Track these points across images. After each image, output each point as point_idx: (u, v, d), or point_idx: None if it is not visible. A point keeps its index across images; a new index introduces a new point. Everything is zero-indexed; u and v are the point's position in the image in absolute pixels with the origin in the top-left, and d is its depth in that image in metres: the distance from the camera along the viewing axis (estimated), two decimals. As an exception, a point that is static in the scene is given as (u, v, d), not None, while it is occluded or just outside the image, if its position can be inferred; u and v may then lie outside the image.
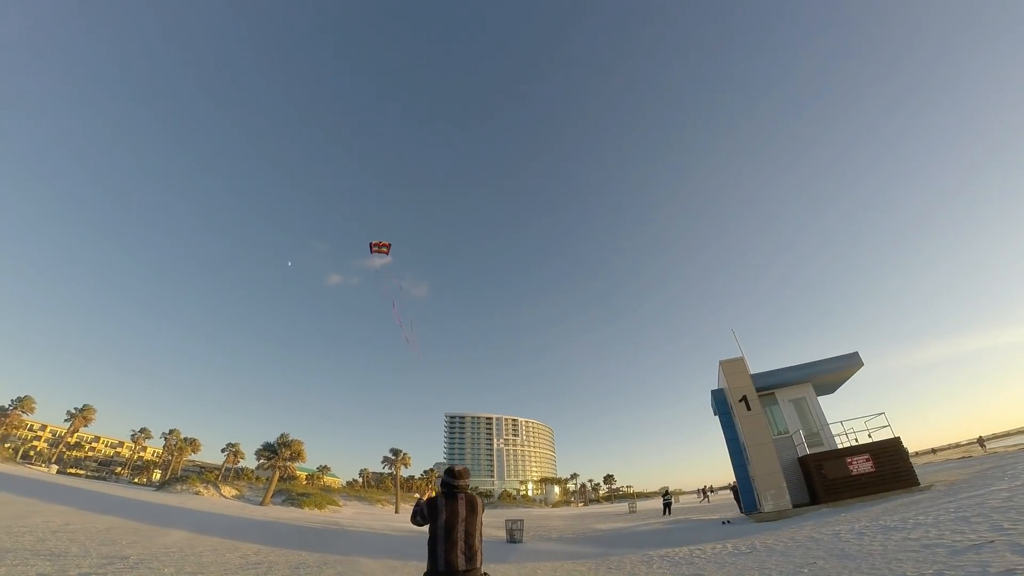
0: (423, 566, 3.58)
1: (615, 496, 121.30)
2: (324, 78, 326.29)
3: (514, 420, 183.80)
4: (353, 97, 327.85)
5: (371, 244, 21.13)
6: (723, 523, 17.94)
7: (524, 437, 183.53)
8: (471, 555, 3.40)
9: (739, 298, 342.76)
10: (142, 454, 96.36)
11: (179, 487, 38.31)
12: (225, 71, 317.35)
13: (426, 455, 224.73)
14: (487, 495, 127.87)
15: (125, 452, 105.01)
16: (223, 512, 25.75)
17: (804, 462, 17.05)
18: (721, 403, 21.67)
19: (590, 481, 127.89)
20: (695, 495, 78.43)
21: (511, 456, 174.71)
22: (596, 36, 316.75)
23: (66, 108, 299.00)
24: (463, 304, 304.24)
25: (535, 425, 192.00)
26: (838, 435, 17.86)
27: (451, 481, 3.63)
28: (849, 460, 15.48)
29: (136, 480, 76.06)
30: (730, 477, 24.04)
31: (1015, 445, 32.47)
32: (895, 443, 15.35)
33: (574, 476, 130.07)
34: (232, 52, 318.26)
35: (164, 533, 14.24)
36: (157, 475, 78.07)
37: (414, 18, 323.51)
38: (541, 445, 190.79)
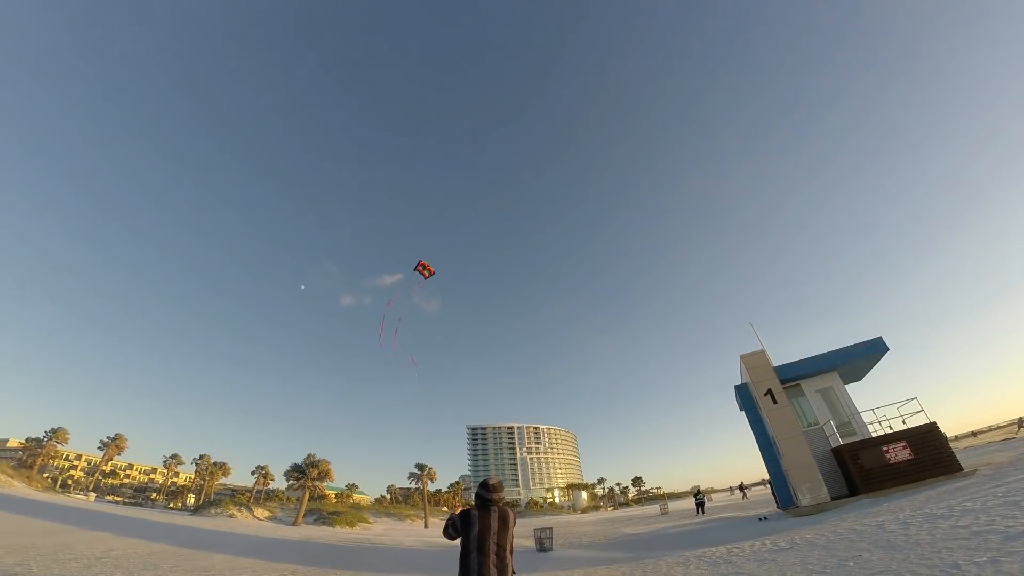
0: None
1: (645, 498, 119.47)
2: (329, 97, 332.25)
3: (536, 428, 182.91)
4: (358, 116, 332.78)
5: (419, 263, 21.22)
6: (760, 519, 17.56)
7: (547, 444, 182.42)
8: (503, 567, 3.42)
9: (753, 289, 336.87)
10: (175, 479, 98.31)
11: (213, 510, 38.87)
12: (227, 95, 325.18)
13: (451, 468, 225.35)
14: (514, 504, 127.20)
15: (159, 478, 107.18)
16: (258, 533, 26.05)
17: (838, 453, 16.61)
18: (746, 398, 21.27)
19: (618, 485, 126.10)
20: (728, 492, 76.88)
21: (535, 464, 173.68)
22: (599, 43, 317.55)
23: (79, 148, 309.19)
24: (477, 316, 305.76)
25: (557, 432, 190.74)
26: (871, 423, 17.35)
27: (485, 494, 3.68)
28: (885, 448, 15.05)
29: (171, 505, 77.44)
30: (762, 472, 23.55)
31: None
32: (932, 428, 14.90)
33: (601, 480, 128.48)
34: (238, 78, 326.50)
35: (204, 556, 14.47)
36: (191, 499, 79.39)
37: (422, 36, 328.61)
38: (565, 451, 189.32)
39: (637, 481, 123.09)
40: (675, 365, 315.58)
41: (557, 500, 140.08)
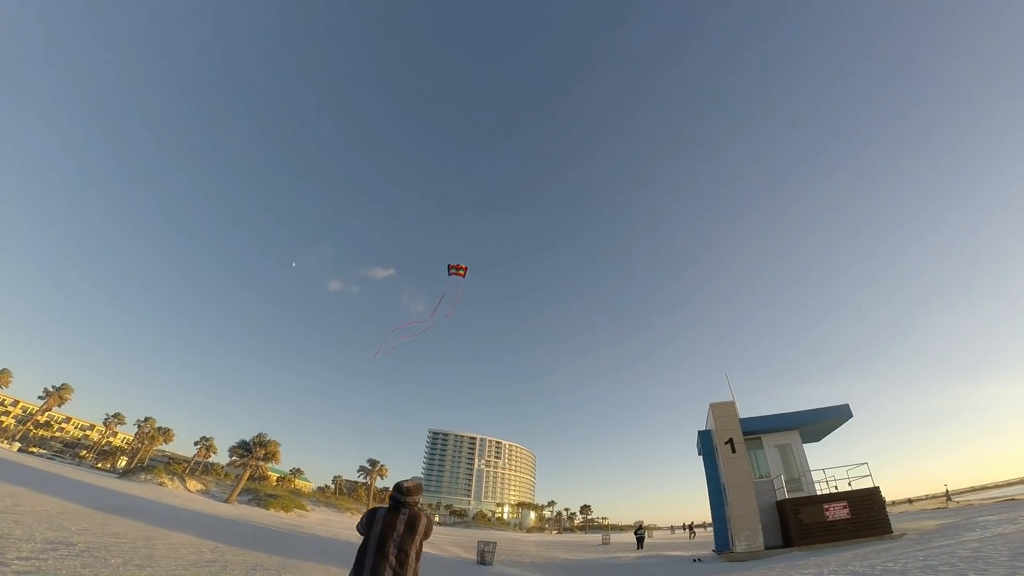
0: None
1: (590, 526, 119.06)
2: (349, 86, 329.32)
3: (498, 442, 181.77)
4: (375, 108, 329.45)
5: (450, 267, 21.04)
6: (694, 561, 17.61)
7: (506, 460, 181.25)
8: (402, 571, 3.26)
9: (732, 339, 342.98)
10: (111, 439, 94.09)
11: (143, 476, 37.22)
12: (246, 69, 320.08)
13: (405, 468, 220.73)
14: (461, 514, 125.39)
15: (94, 436, 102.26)
16: (184, 506, 24.98)
17: (782, 506, 16.87)
18: (707, 444, 21.59)
19: (567, 510, 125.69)
20: (669, 531, 77.17)
21: (491, 478, 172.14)
22: (621, 54, 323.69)
23: (69, 102, 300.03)
24: (460, 322, 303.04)
25: (518, 449, 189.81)
26: (819, 482, 17.79)
27: (398, 496, 3.58)
28: (827, 507, 15.32)
29: (99, 465, 73.95)
30: (705, 516, 23.64)
31: (990, 498, 32.39)
32: (873, 492, 15.24)
33: (551, 503, 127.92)
34: (256, 51, 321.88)
35: (118, 522, 13.74)
36: (123, 462, 75.92)
37: (442, 35, 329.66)
38: (522, 470, 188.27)
39: (585, 509, 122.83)
40: (639, 401, 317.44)
41: (506, 516, 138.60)
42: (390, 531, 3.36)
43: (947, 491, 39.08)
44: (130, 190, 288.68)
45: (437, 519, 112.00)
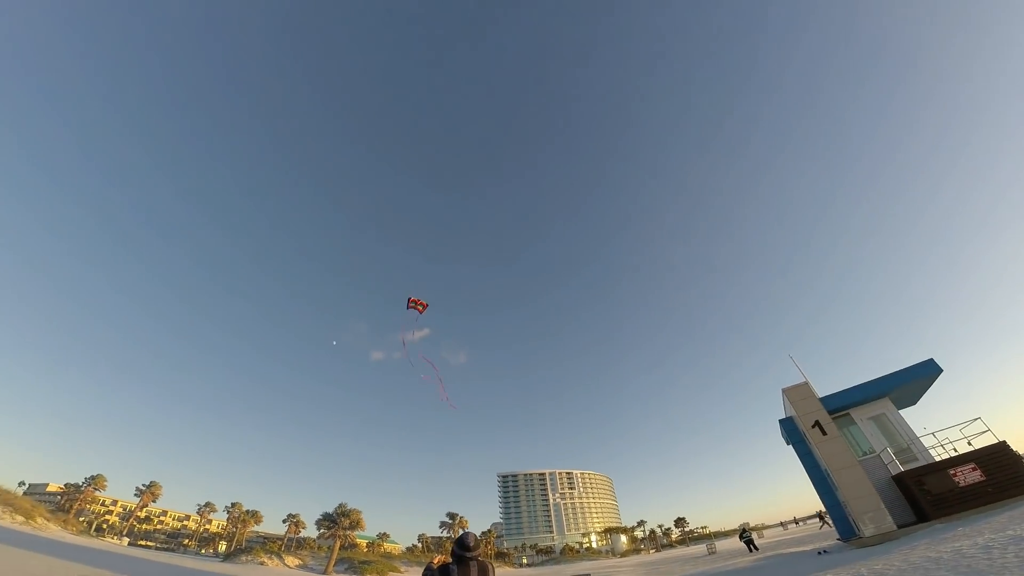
0: None
1: (690, 538, 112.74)
2: (353, 156, 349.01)
3: (569, 473, 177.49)
4: (382, 177, 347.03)
5: (409, 300, 21.18)
6: (819, 553, 16.33)
7: (581, 489, 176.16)
8: None
9: (790, 320, 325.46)
10: (208, 526, 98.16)
11: (244, 558, 38.45)
12: (265, 167, 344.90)
13: (483, 516, 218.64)
14: (548, 551, 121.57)
15: (192, 525, 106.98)
16: (290, 580, 25.49)
17: (901, 479, 15.59)
18: (792, 432, 20.29)
19: (660, 526, 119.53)
20: (780, 527, 71.90)
21: (569, 509, 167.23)
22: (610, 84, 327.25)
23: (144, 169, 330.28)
24: (504, 365, 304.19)
25: (592, 476, 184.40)
26: (932, 447, 16.45)
27: (461, 552, 3.83)
28: (953, 472, 14.01)
29: (203, 551, 77.05)
30: (814, 505, 21.97)
31: None
32: (1002, 447, 13.84)
33: (641, 523, 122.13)
34: (271, 152, 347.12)
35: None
36: (223, 546, 78.89)
37: (447, 93, 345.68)
38: (601, 495, 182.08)
39: (680, 522, 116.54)
40: (713, 403, 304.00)
41: (595, 545, 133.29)
42: None
43: None
44: (212, 292, 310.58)
45: (525, 560, 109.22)
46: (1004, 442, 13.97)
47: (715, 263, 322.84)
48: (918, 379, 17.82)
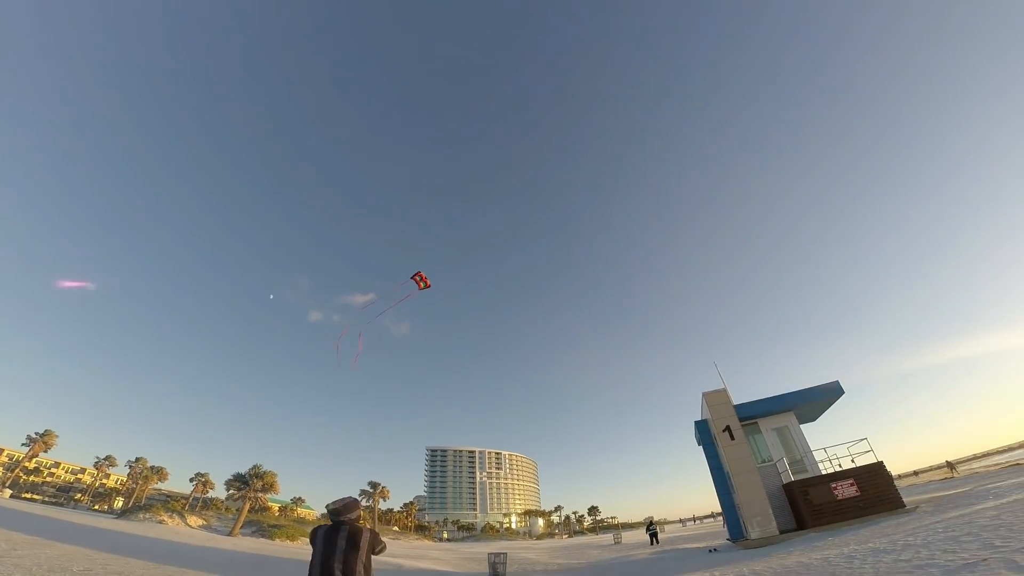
0: None
1: (600, 527, 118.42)
2: (328, 107, 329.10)
3: (498, 453, 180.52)
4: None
5: (418, 274, 20.01)
6: (710, 551, 17.51)
7: (507, 470, 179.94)
8: None
9: (720, 328, 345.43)
10: (105, 482, 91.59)
11: (142, 515, 36.24)
12: (227, 91, 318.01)
13: (407, 488, 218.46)
14: (469, 528, 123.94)
15: (87, 479, 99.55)
16: (187, 542, 24.31)
17: (789, 488, 16.92)
18: (705, 433, 21.64)
19: (575, 513, 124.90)
20: (680, 524, 76.96)
21: (494, 489, 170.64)
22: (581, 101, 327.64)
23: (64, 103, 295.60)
24: (446, 341, 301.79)
25: (519, 458, 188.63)
26: (821, 461, 17.87)
27: (332, 517, 3.76)
28: (834, 485, 15.39)
29: (96, 507, 71.96)
30: (713, 505, 23.55)
31: (995, 464, 32.78)
32: (879, 467, 15.34)
33: (558, 508, 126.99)
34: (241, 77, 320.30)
35: (120, 561, 13.32)
36: (119, 503, 73.99)
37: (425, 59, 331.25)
38: (525, 478, 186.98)
39: (593, 510, 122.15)
40: (637, 399, 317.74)
41: (514, 526, 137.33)
42: (331, 548, 3.49)
43: (948, 461, 39.58)
44: (111, 227, 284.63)
45: (446, 535, 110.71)
46: (881, 463, 15.46)
47: (652, 265, 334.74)
48: (823, 398, 19.30)
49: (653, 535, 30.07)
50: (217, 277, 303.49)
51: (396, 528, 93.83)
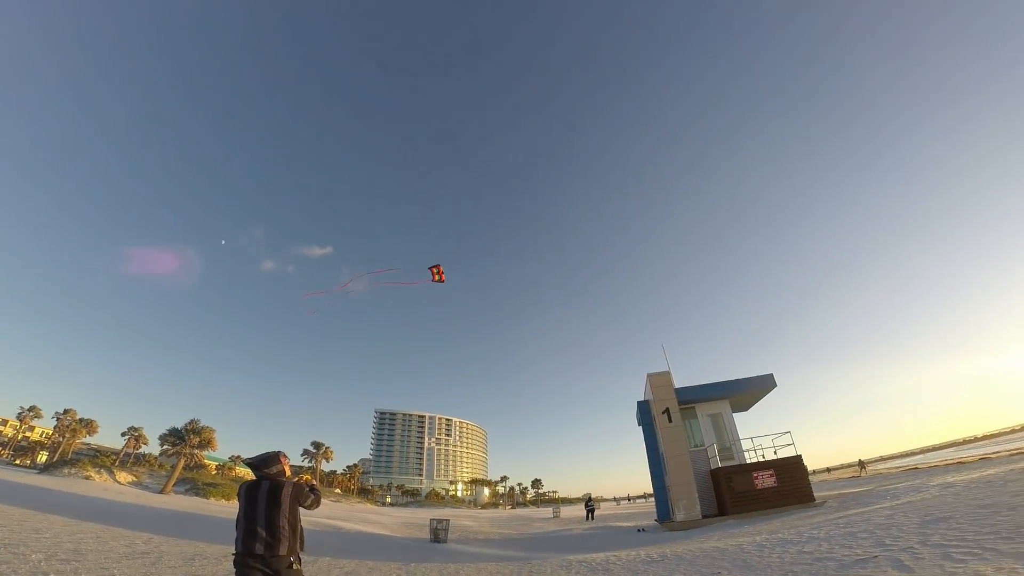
0: (337, 562, 3.43)
1: (541, 500, 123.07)
2: (284, 60, 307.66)
3: (448, 420, 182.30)
4: (306, 81, 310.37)
5: (433, 269, 18.76)
6: (639, 531, 18.57)
7: (457, 437, 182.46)
8: (271, 542, 3.31)
9: (670, 314, 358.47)
10: (28, 434, 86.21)
11: (67, 470, 34.50)
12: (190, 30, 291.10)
13: (352, 449, 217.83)
14: (414, 493, 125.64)
15: (8, 431, 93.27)
16: (115, 499, 23.41)
17: (715, 475, 17.92)
18: (645, 414, 22.27)
19: (519, 485, 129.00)
20: (614, 502, 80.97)
21: (442, 456, 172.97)
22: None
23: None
24: (403, 303, 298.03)
25: (469, 426, 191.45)
26: (748, 451, 18.87)
27: (253, 472, 3.68)
28: (755, 475, 16.42)
29: (18, 462, 67.81)
30: (648, 487, 24.82)
31: (896, 467, 36.20)
32: (796, 461, 16.50)
33: (504, 479, 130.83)
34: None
35: (40, 518, 12.70)
36: (43, 457, 69.99)
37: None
38: (473, 447, 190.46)
39: (537, 483, 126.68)
40: (587, 374, 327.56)
41: (459, 494, 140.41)
42: (253, 505, 3.41)
43: (860, 461, 43.29)
44: (53, 163, 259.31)
45: (389, 499, 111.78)
46: (799, 456, 16.69)
47: (619, 243, 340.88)
48: (757, 388, 20.26)
49: (590, 511, 31.57)
50: (166, 219, 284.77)
51: (338, 491, 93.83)
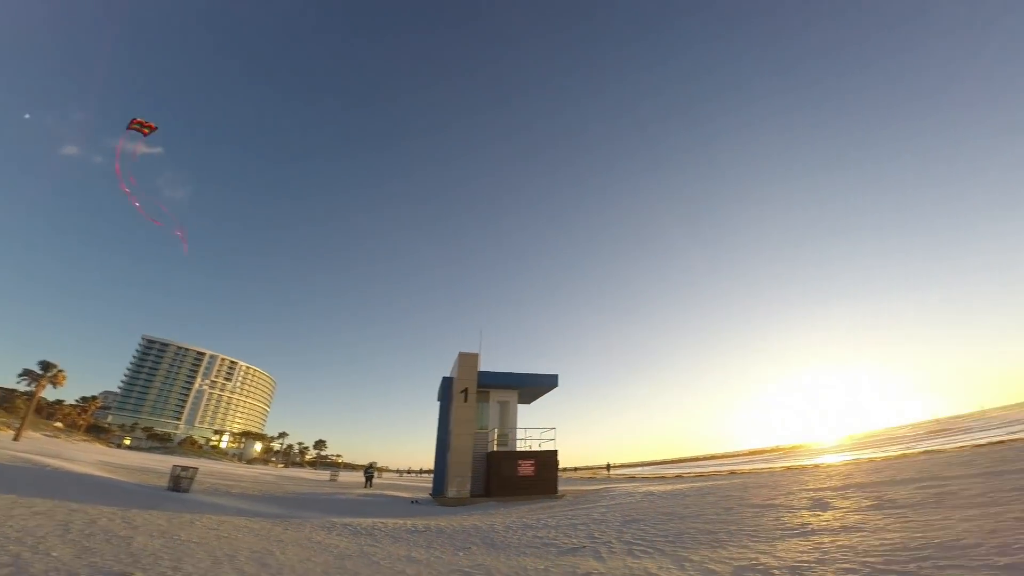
0: (25, 501, 3.10)
1: (322, 462, 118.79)
2: None
3: (233, 363, 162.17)
4: None
5: (132, 121, 17.69)
6: (412, 502, 19.72)
7: (239, 383, 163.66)
8: None
9: (493, 301, 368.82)
10: None
11: None
12: None
13: (99, 377, 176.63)
14: (165, 439, 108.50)
15: None
16: None
17: (490, 458, 19.79)
18: (446, 390, 23.20)
19: (300, 444, 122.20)
20: (397, 474, 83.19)
21: (214, 401, 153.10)
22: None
23: None
24: (222, 218, 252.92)
25: (256, 373, 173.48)
26: (521, 439, 21.15)
27: None
28: (519, 463, 18.70)
29: None
30: (430, 462, 26.16)
31: (629, 474, 45.26)
32: (552, 455, 19.36)
33: (282, 435, 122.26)
34: None
35: None
36: None
37: None
38: (256, 396, 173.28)
39: (320, 444, 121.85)
40: (392, 339, 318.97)
41: (224, 445, 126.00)
42: None
43: (608, 464, 52.80)
44: None
45: (127, 441, 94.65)
46: (555, 451, 19.55)
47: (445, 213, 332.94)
48: (542, 385, 22.74)
49: (369, 478, 32.11)
50: None
51: (59, 424, 76.13)
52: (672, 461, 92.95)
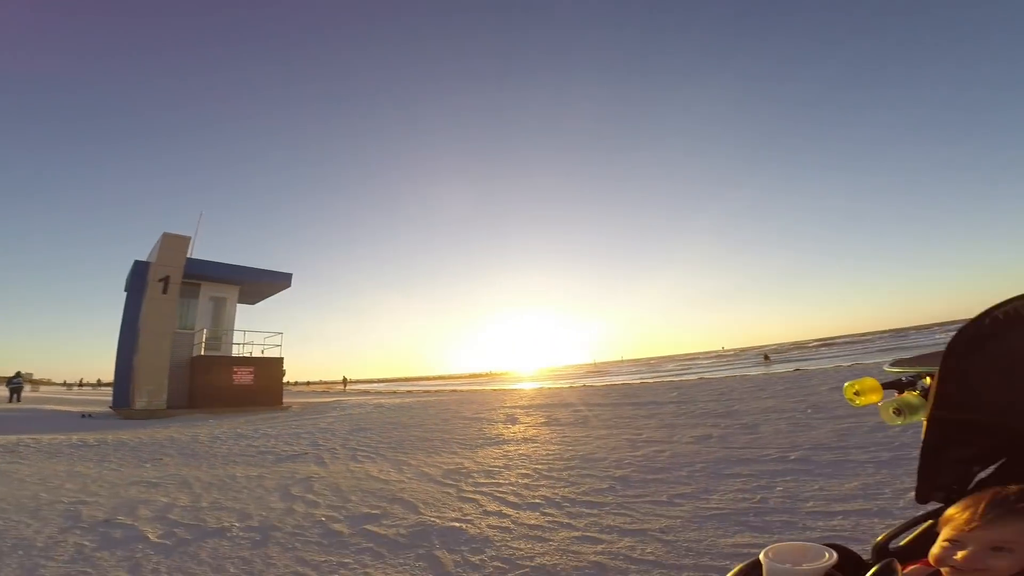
0: None
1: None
2: None
3: None
4: None
5: None
6: (83, 416, 15.62)
7: None
8: None
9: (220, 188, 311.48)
10: None
11: None
12: None
13: None
14: None
15: None
16: None
17: (195, 363, 16.96)
18: (138, 279, 17.81)
19: None
20: (64, 387, 63.67)
21: None
22: None
23: None
24: None
25: None
26: (238, 344, 18.65)
27: None
28: (236, 370, 16.75)
29: None
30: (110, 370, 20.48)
31: (361, 389, 46.39)
32: (277, 363, 18.05)
33: None
34: None
35: None
36: None
37: None
38: None
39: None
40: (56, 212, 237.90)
41: None
42: None
43: (344, 378, 52.83)
44: None
45: None
46: (280, 359, 18.28)
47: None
48: (271, 282, 20.20)
49: (15, 391, 24.11)
50: None
51: None
52: (407, 379, 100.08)
